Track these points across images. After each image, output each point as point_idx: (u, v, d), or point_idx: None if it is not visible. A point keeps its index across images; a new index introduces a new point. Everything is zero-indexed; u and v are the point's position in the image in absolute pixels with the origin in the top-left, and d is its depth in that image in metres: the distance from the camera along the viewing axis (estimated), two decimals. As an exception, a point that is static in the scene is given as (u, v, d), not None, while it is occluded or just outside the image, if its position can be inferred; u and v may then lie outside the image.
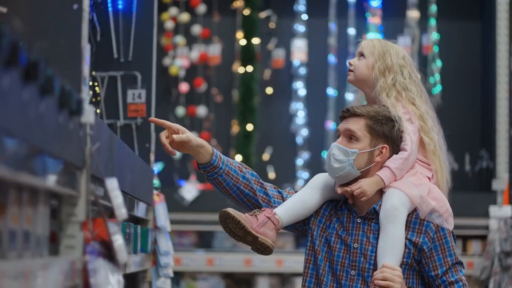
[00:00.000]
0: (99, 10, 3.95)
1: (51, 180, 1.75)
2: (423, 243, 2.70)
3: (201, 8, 7.23)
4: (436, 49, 7.22)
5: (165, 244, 3.94)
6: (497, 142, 6.54)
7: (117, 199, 2.11)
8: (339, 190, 2.74)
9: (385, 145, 2.73)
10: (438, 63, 7.21)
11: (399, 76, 2.82)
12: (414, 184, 2.71)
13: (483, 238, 6.38)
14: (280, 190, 2.91)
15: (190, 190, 6.65)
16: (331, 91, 7.21)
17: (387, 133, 2.73)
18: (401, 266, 2.69)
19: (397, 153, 2.75)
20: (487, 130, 6.85)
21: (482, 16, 7.17)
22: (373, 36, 3.06)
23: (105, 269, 1.97)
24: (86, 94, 2.07)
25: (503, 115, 6.53)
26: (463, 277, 2.73)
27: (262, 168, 7.16)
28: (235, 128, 7.17)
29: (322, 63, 7.23)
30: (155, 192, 3.99)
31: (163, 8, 7.12)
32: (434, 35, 7.22)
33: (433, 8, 7.23)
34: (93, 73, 3.95)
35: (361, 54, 2.89)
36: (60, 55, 2.02)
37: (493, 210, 6.27)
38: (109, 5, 4.02)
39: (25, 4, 2.00)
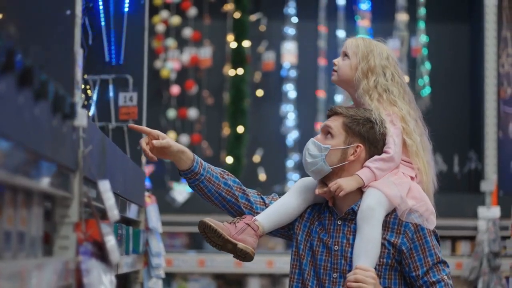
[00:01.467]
0: (90, 14, 3.99)
1: (45, 183, 1.79)
2: (401, 243, 2.67)
3: (192, 11, 7.27)
4: (425, 51, 7.27)
5: (156, 245, 3.97)
6: (485, 144, 6.59)
7: (110, 200, 2.14)
8: (317, 191, 2.73)
9: (360, 145, 2.71)
10: (427, 65, 7.27)
11: (381, 77, 2.78)
12: (394, 184, 2.67)
13: (471, 238, 6.43)
14: (263, 197, 2.89)
15: (181, 192, 6.69)
16: (321, 93, 7.26)
17: (363, 133, 2.71)
18: (381, 266, 2.67)
19: (379, 155, 2.73)
20: (476, 132, 6.90)
21: (471, 19, 7.23)
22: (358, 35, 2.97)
23: (97, 269, 2.00)
24: (79, 98, 2.11)
25: (491, 117, 6.59)
26: (445, 276, 2.68)
27: (253, 170, 7.20)
28: (226, 130, 7.20)
29: (312, 65, 7.28)
30: (146, 193, 4.02)
31: (154, 11, 7.16)
32: (423, 38, 7.28)
33: (422, 11, 7.29)
34: (85, 76, 3.98)
35: (345, 54, 2.85)
36: (53, 59, 2.05)
37: (482, 211, 6.31)
38: (101, 9, 4.05)
39: (18, 10, 2.03)
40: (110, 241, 2.07)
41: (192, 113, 7.24)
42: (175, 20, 7.25)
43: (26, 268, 1.61)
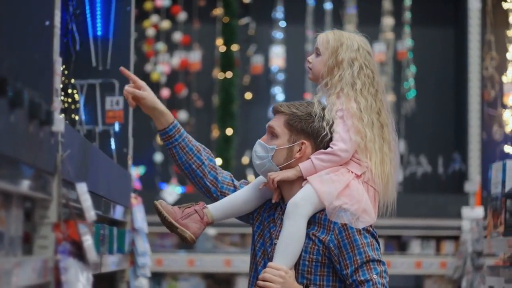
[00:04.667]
0: (78, 20, 4.09)
1: (25, 185, 1.88)
2: (330, 241, 2.62)
3: (182, 16, 7.37)
4: (410, 55, 7.38)
5: (142, 245, 4.07)
6: (469, 145, 6.71)
7: (87, 202, 2.25)
8: (261, 185, 2.76)
9: (304, 141, 2.70)
10: (412, 68, 7.37)
11: (347, 71, 2.72)
12: (331, 180, 2.64)
13: (456, 238, 6.54)
14: (234, 179, 2.90)
15: (171, 193, 6.79)
16: (308, 96, 7.35)
17: (306, 129, 2.69)
18: (311, 263, 2.65)
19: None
20: (460, 134, 7.01)
21: (455, 23, 7.34)
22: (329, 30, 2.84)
23: (75, 268, 2.09)
24: (58, 105, 2.21)
25: (475, 119, 6.70)
26: (374, 276, 2.59)
27: (242, 171, 7.30)
28: (215, 133, 7.31)
29: (299, 69, 7.38)
30: (133, 195, 4.11)
31: (144, 15, 7.27)
32: (409, 42, 7.38)
33: (407, 15, 7.39)
34: (73, 81, 4.08)
35: (318, 52, 2.80)
36: (33, 68, 2.15)
37: (466, 211, 6.41)
38: (88, 15, 4.16)
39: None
40: (87, 240, 2.16)
41: (182, 115, 7.34)
42: (165, 24, 7.36)
43: (6, 266, 1.70)
